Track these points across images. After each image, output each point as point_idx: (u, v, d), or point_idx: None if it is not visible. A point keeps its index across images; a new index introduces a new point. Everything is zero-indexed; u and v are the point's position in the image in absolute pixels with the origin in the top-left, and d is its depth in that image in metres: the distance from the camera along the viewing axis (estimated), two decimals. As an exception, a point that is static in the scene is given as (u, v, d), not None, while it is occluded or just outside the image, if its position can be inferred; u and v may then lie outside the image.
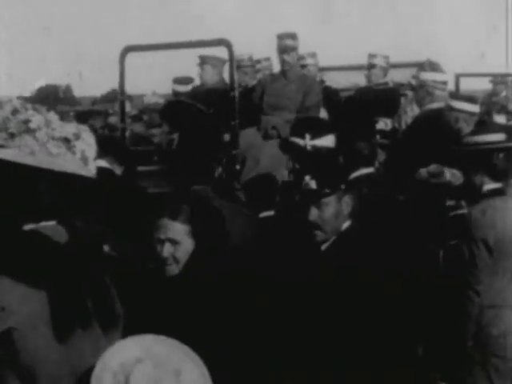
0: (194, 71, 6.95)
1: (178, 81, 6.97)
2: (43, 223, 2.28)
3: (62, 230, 2.32)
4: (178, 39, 5.90)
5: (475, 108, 5.51)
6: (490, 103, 7.79)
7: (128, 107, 6.46)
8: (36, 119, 2.19)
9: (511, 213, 3.75)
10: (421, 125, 5.37)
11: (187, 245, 2.76)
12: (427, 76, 5.49)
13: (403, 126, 6.31)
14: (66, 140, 2.22)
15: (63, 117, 2.30)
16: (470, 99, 5.56)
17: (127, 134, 6.18)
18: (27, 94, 8.21)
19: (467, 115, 5.39)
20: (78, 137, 2.25)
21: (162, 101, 7.21)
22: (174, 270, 2.77)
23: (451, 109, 5.45)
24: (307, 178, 2.96)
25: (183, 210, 2.78)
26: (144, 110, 7.30)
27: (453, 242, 4.02)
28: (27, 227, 2.27)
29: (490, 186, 3.85)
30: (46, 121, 2.20)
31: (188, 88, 6.90)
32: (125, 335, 2.49)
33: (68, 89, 8.98)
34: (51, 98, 8.44)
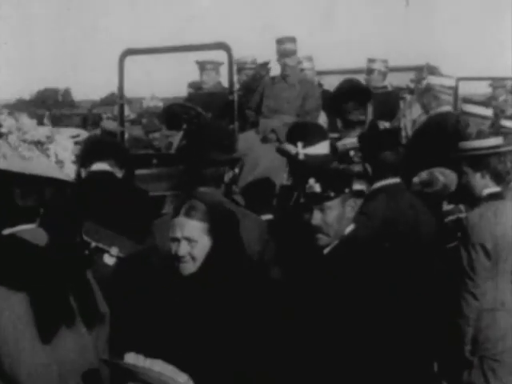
0: (193, 75, 6.96)
1: None
2: (21, 227, 2.29)
3: (42, 233, 2.34)
4: (177, 42, 5.92)
5: (488, 112, 5.51)
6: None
7: (127, 111, 6.46)
8: (7, 124, 2.21)
9: (509, 216, 3.75)
10: (429, 129, 5.36)
11: (204, 243, 2.68)
12: (435, 80, 5.49)
13: (402, 130, 6.32)
14: (39, 143, 2.25)
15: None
16: (483, 103, 5.58)
17: (126, 137, 6.19)
18: (27, 97, 8.23)
19: (479, 119, 5.41)
20: (51, 140, 2.27)
21: (161, 104, 7.22)
22: (190, 268, 2.69)
23: (463, 113, 5.45)
24: (311, 181, 2.94)
25: (199, 208, 2.70)
26: (143, 114, 7.30)
27: (451, 245, 4.03)
28: (5, 231, 2.29)
29: (488, 189, 3.86)
30: (17, 125, 2.22)
31: None
32: (143, 333, 2.50)
33: (67, 92, 9.00)
34: (50, 101, 8.46)
